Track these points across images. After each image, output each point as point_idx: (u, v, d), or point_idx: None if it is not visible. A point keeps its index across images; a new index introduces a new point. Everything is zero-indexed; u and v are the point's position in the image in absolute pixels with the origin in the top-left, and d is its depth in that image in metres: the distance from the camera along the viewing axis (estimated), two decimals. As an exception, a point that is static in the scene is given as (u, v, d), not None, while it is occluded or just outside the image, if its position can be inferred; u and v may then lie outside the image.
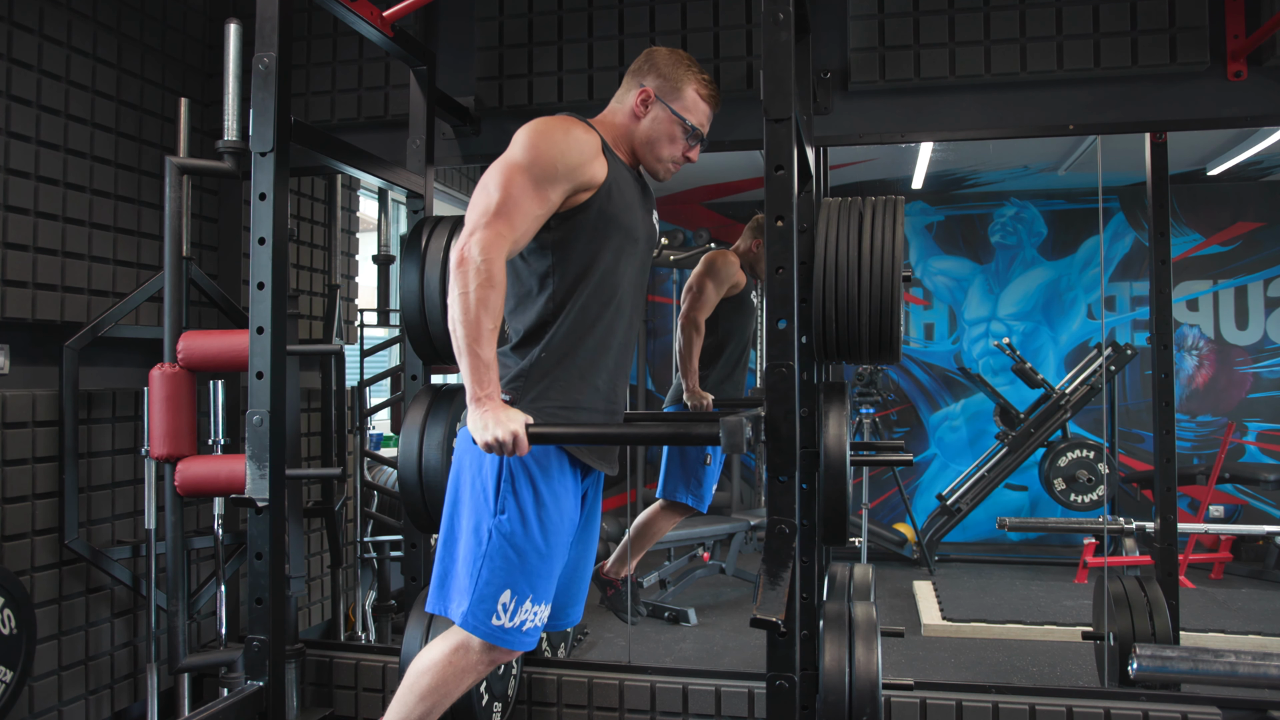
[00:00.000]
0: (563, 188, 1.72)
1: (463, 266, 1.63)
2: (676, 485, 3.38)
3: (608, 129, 1.89)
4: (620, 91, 1.94)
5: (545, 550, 1.75)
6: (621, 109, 1.91)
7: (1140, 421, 5.47)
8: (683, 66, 1.90)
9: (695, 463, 3.36)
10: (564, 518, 1.79)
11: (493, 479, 1.74)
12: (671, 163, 1.93)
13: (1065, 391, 5.26)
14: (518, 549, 1.72)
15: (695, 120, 1.90)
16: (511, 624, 1.73)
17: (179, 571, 2.66)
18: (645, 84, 1.89)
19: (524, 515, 1.73)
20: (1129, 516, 4.02)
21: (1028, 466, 5.36)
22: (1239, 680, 2.44)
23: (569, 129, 1.75)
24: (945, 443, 5.86)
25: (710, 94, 1.92)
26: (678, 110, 1.88)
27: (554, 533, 1.76)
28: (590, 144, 1.77)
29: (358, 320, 3.94)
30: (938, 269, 5.85)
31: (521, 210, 1.67)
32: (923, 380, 5.90)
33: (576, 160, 1.72)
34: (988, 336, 5.75)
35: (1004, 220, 5.76)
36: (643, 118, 1.89)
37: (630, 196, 1.86)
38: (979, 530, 5.47)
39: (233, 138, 2.54)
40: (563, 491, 1.78)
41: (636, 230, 1.87)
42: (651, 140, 1.89)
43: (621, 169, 1.86)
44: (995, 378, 5.60)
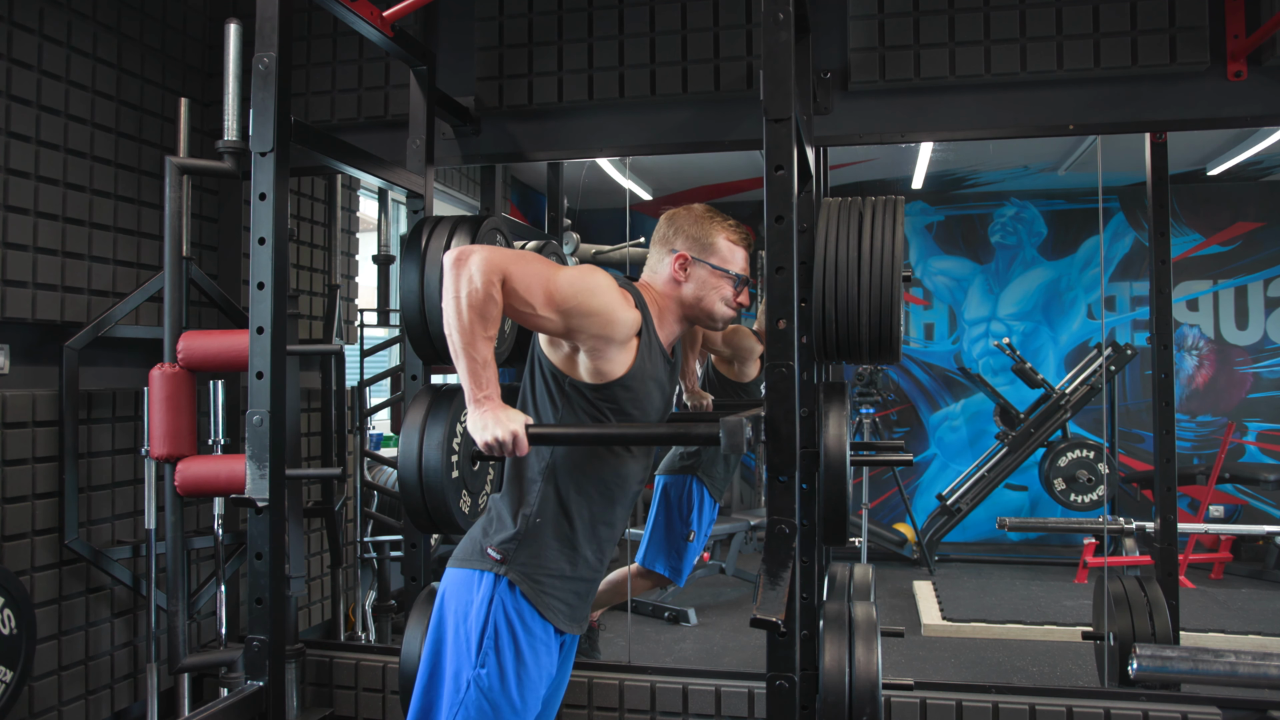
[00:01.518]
0: (564, 322, 1.67)
1: (458, 270, 1.60)
2: (656, 555, 3.40)
3: (653, 299, 1.86)
4: (651, 260, 1.91)
5: (520, 706, 1.75)
6: (660, 277, 1.89)
7: (1140, 421, 5.47)
8: (707, 221, 1.88)
9: (678, 537, 3.39)
10: (541, 673, 1.79)
11: (477, 630, 1.74)
12: (726, 312, 1.91)
13: (1065, 391, 5.26)
14: (493, 703, 1.73)
15: (738, 269, 1.89)
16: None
17: (179, 571, 2.66)
18: (677, 249, 1.87)
19: (503, 672, 1.73)
20: (1129, 516, 4.02)
21: (1028, 466, 5.36)
22: (1239, 680, 2.44)
23: (617, 295, 1.71)
24: (945, 443, 5.86)
25: (741, 238, 1.90)
26: (718, 264, 1.86)
27: (530, 689, 1.77)
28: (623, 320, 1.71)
29: (358, 320, 3.94)
30: (938, 269, 5.85)
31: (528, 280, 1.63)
32: (923, 380, 5.90)
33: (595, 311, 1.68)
34: (988, 336, 5.75)
35: (1004, 220, 5.76)
36: (685, 282, 1.86)
37: (653, 385, 1.83)
38: (979, 530, 5.47)
39: (233, 138, 2.54)
40: (543, 648, 1.79)
41: (650, 416, 1.85)
42: (699, 299, 1.87)
43: (654, 354, 1.82)
44: (995, 378, 5.60)
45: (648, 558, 3.40)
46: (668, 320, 1.88)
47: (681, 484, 3.41)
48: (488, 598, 1.75)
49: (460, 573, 1.80)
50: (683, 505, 3.39)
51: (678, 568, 3.39)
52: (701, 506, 3.41)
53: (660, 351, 1.85)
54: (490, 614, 1.74)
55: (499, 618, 1.74)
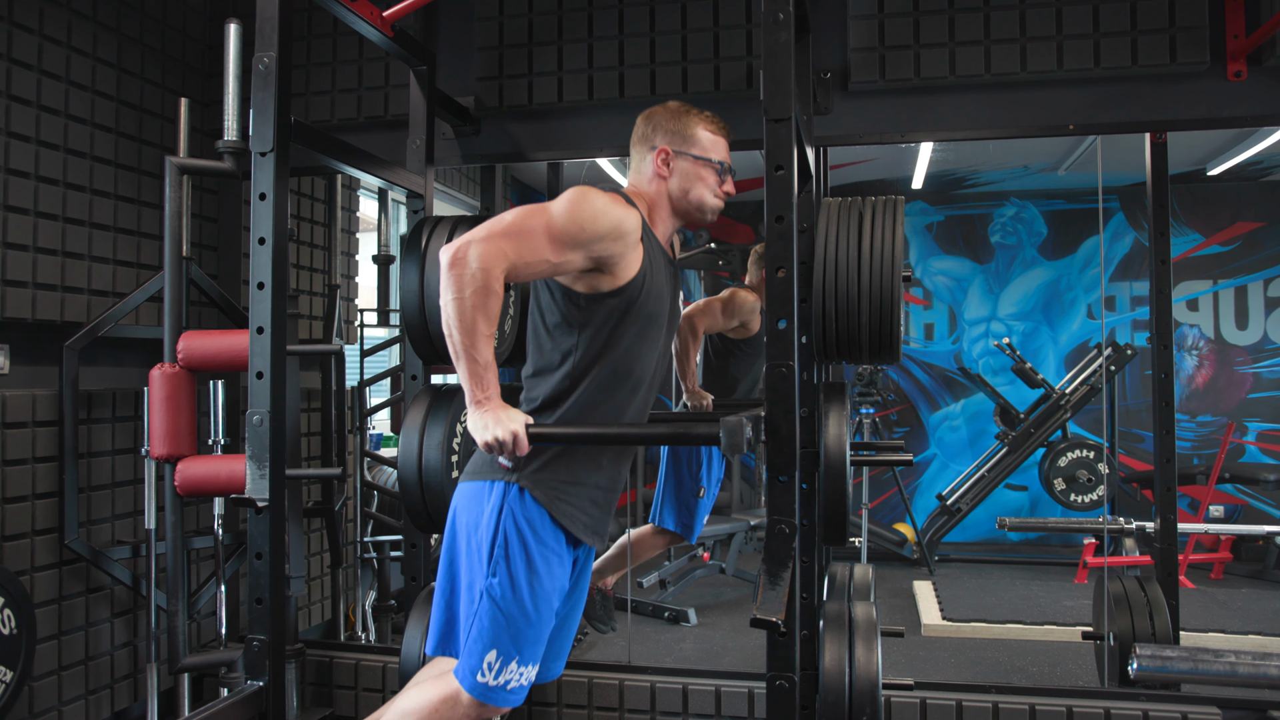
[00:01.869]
0: (584, 254, 1.69)
1: (456, 269, 1.60)
2: (668, 513, 3.41)
3: (641, 200, 1.87)
4: (634, 163, 1.92)
5: (534, 616, 1.75)
6: (643, 178, 1.90)
7: (1140, 421, 5.47)
8: (683, 114, 1.89)
9: (689, 494, 3.40)
10: (554, 584, 1.79)
11: (488, 540, 1.74)
12: (716, 202, 1.92)
13: (1065, 391, 5.26)
14: (506, 613, 1.73)
15: (719, 156, 1.90)
16: (496, 682, 1.74)
17: (179, 571, 2.66)
18: (657, 144, 1.88)
19: (514, 581, 1.73)
20: (1129, 516, 4.02)
21: (1028, 466, 5.36)
22: (1239, 680, 2.44)
23: (611, 201, 1.73)
24: (945, 443, 5.86)
25: (720, 127, 1.91)
26: (699, 154, 1.87)
27: (543, 599, 1.77)
28: (628, 223, 1.73)
29: (358, 320, 3.94)
30: (938, 269, 5.85)
31: (530, 242, 1.64)
32: (923, 380, 5.90)
33: (605, 230, 1.69)
34: (988, 336, 5.75)
35: (1004, 220, 5.77)
36: (670, 176, 1.88)
37: (661, 282, 1.85)
38: (979, 530, 5.47)
39: (233, 138, 2.54)
40: (555, 558, 1.78)
41: (663, 317, 1.87)
42: (687, 191, 1.88)
43: (657, 253, 1.85)
44: (995, 378, 5.60)
45: (660, 515, 3.41)
46: (660, 218, 1.90)
47: None
48: (498, 506, 1.75)
49: (471, 485, 1.80)
50: (691, 462, 3.39)
51: (689, 524, 3.39)
52: (710, 463, 3.42)
53: (660, 249, 1.87)
54: (500, 523, 1.74)
55: (509, 526, 1.74)
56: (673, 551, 4.55)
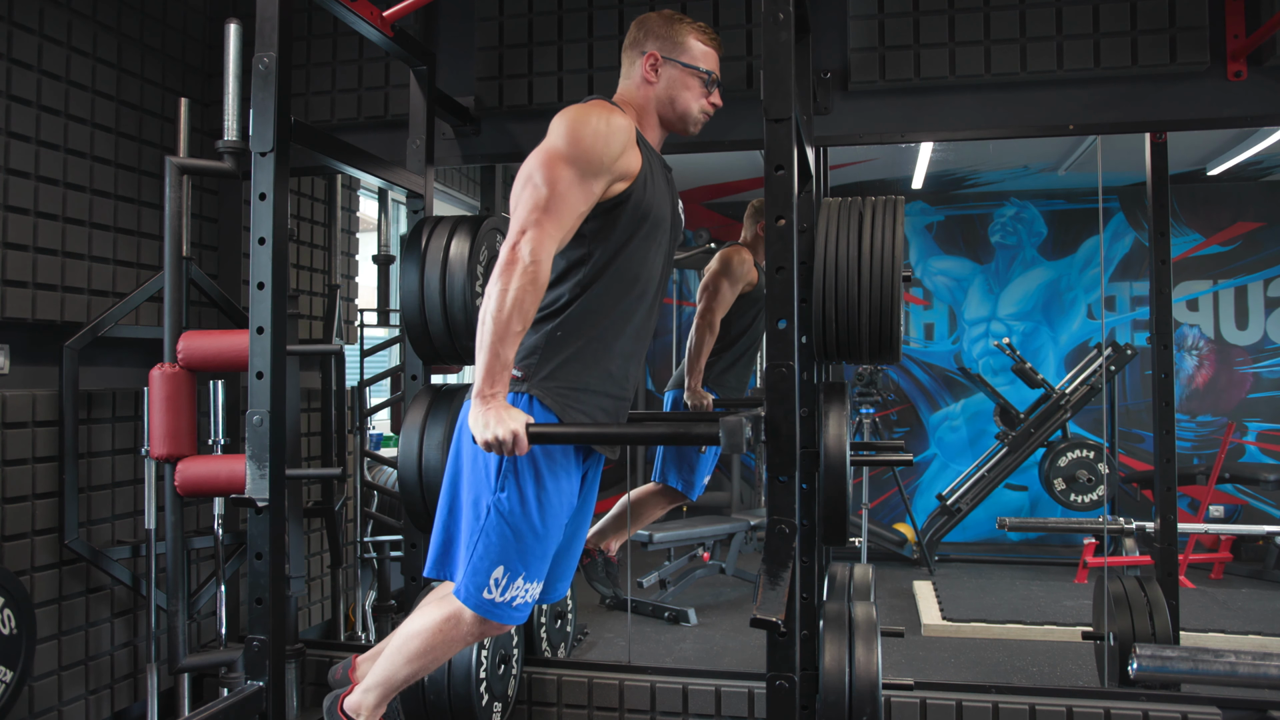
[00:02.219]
0: (605, 179, 1.72)
1: (514, 266, 1.63)
2: (669, 469, 3.39)
3: (629, 106, 1.90)
4: (625, 68, 1.94)
5: (541, 531, 1.75)
6: (631, 83, 1.92)
7: (1140, 421, 5.47)
8: (676, 21, 1.91)
9: (690, 450, 3.37)
10: (563, 499, 1.79)
11: (495, 455, 1.73)
12: (700, 114, 1.94)
13: (1065, 391, 5.26)
14: (514, 528, 1.73)
15: (708, 66, 1.91)
16: (502, 599, 1.74)
17: (179, 571, 2.66)
18: (647, 49, 1.90)
19: (523, 495, 1.73)
20: (1129, 516, 4.02)
21: (1028, 466, 5.36)
22: (1239, 680, 2.44)
23: (609, 116, 1.75)
24: (945, 443, 5.86)
25: (711, 37, 1.93)
26: (688, 62, 1.89)
27: (551, 514, 1.76)
28: (628, 131, 1.76)
29: (358, 320, 3.94)
30: (938, 269, 5.85)
31: (569, 205, 1.67)
32: (923, 380, 5.90)
33: (618, 149, 1.73)
34: (988, 336, 5.75)
35: (1004, 220, 5.77)
36: (656, 82, 1.89)
37: (660, 184, 1.86)
38: (979, 530, 5.47)
39: (233, 138, 2.54)
40: (563, 473, 1.78)
41: (665, 218, 1.88)
42: (672, 99, 1.90)
43: (652, 156, 1.87)
44: (995, 378, 5.60)
45: (661, 473, 3.40)
46: (648, 124, 1.91)
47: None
48: None
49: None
50: None
51: (690, 481, 3.37)
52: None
53: (654, 151, 1.88)
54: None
55: None
56: (672, 551, 4.55)
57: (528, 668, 2.82)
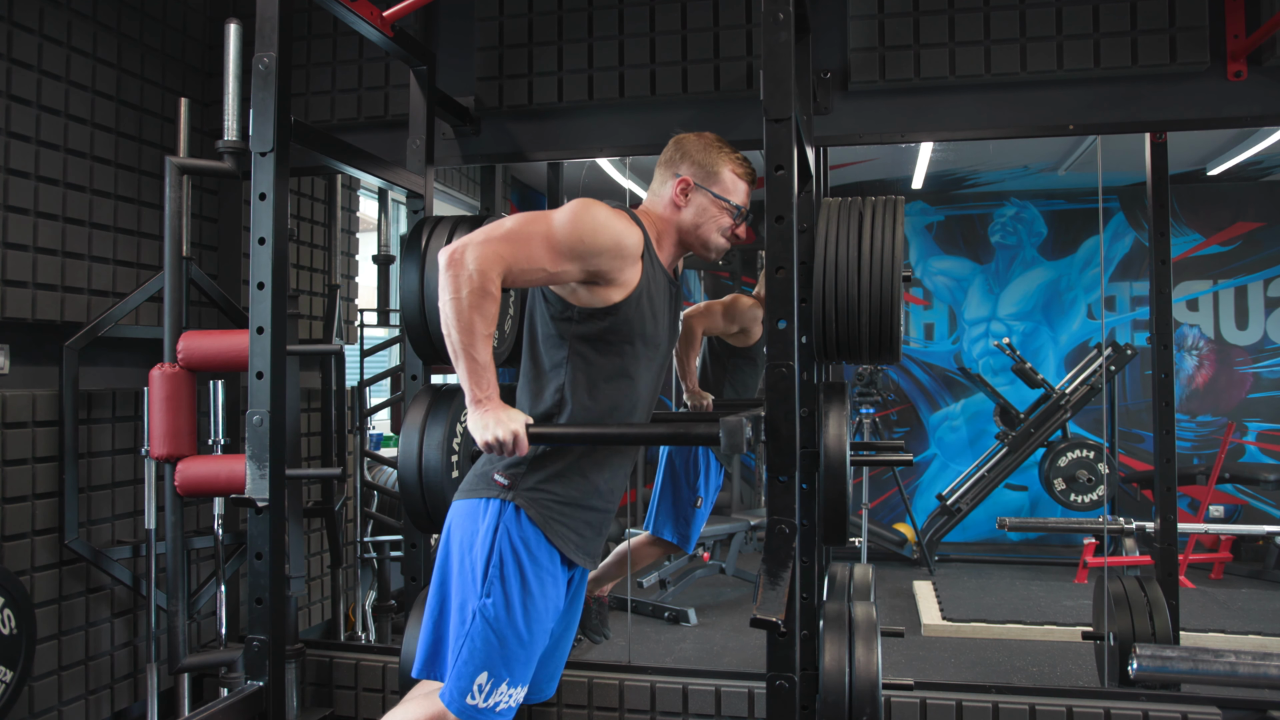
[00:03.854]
0: (581, 266, 1.68)
1: (453, 269, 1.60)
2: (665, 523, 3.39)
3: (651, 222, 1.86)
4: (655, 184, 1.91)
5: (526, 637, 1.74)
6: (660, 200, 1.88)
7: (1140, 421, 5.47)
8: (714, 149, 1.87)
9: (686, 503, 3.38)
10: (548, 605, 1.78)
11: (482, 560, 1.73)
12: (721, 246, 1.91)
13: (1065, 391, 5.26)
14: (499, 634, 1.72)
15: (738, 200, 1.87)
16: (485, 704, 1.72)
17: (179, 571, 2.66)
18: (681, 173, 1.86)
19: (509, 601, 1.72)
20: (1129, 516, 4.02)
21: (1028, 466, 5.36)
22: (1239, 680, 2.44)
23: (614, 216, 1.72)
24: (945, 443, 5.86)
25: (746, 172, 1.89)
26: (719, 194, 1.85)
27: (537, 620, 1.75)
28: (629, 239, 1.72)
29: (358, 320, 3.94)
30: (938, 269, 5.84)
31: (528, 249, 1.64)
32: (923, 380, 5.90)
33: (605, 245, 1.68)
34: (988, 336, 5.75)
35: (1004, 220, 5.76)
36: (685, 207, 1.86)
37: (659, 304, 1.83)
38: (979, 530, 5.47)
39: (233, 138, 2.54)
40: (549, 579, 1.77)
41: (659, 339, 1.85)
42: (698, 225, 1.86)
43: (657, 273, 1.83)
44: (995, 378, 5.60)
45: (656, 525, 3.40)
46: (666, 244, 1.88)
47: (687, 450, 3.40)
48: (493, 525, 1.73)
49: (466, 503, 1.78)
50: (689, 471, 3.38)
51: (685, 534, 3.38)
52: (708, 472, 3.40)
53: (662, 270, 1.85)
54: (496, 541, 1.72)
55: (504, 545, 1.72)
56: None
57: (528, 668, 2.81)
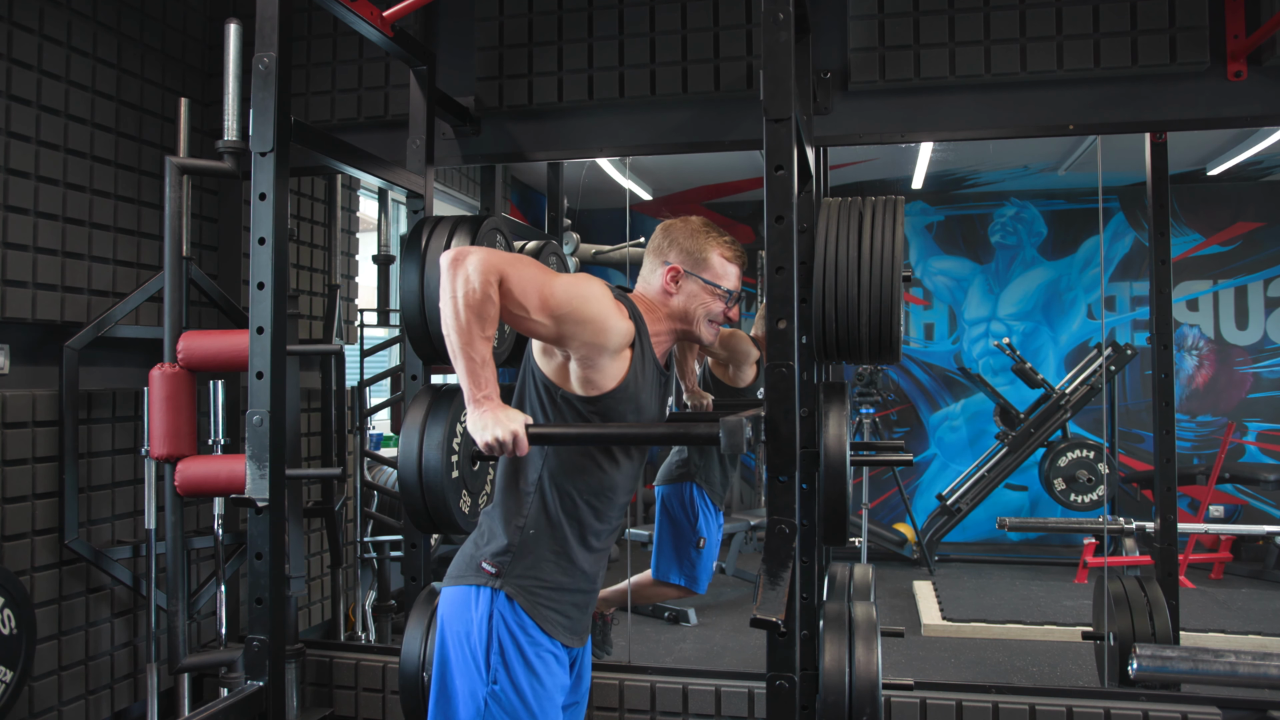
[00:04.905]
0: (555, 330, 1.66)
1: (454, 270, 1.60)
2: (669, 567, 3.35)
3: (645, 308, 1.84)
4: (645, 270, 1.90)
5: (540, 716, 1.75)
6: (652, 289, 1.87)
7: (1140, 421, 5.47)
8: (701, 235, 1.86)
9: (686, 544, 3.33)
10: (555, 683, 1.78)
11: (482, 648, 1.74)
12: (710, 334, 1.89)
13: (1065, 391, 5.26)
14: (513, 715, 1.73)
15: (729, 285, 1.86)
16: None
17: (179, 571, 2.66)
18: (670, 261, 1.85)
19: (516, 685, 1.73)
20: (1129, 516, 4.03)
21: (1028, 466, 5.36)
22: (1239, 680, 2.44)
23: (612, 305, 1.70)
24: (945, 443, 5.86)
25: (735, 254, 1.88)
26: (710, 280, 1.84)
27: (547, 700, 1.76)
28: (617, 331, 1.70)
29: (358, 320, 3.94)
30: (938, 269, 5.85)
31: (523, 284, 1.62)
32: (923, 380, 5.90)
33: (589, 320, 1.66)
34: (988, 336, 5.75)
35: (1004, 220, 5.76)
36: (675, 294, 1.85)
37: (647, 396, 1.81)
38: (979, 530, 5.47)
39: (233, 138, 2.54)
40: (552, 660, 1.78)
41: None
42: (689, 312, 1.85)
43: (647, 366, 1.81)
44: (995, 378, 5.60)
45: (660, 570, 3.36)
46: (661, 332, 1.86)
47: (680, 492, 3.39)
48: (487, 613, 1.74)
49: (456, 590, 1.79)
50: (686, 513, 3.35)
51: (693, 575, 3.34)
52: (706, 512, 3.38)
53: (654, 363, 1.83)
54: (492, 629, 1.73)
55: (501, 632, 1.73)
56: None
57: (528, 668, 2.81)
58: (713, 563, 3.43)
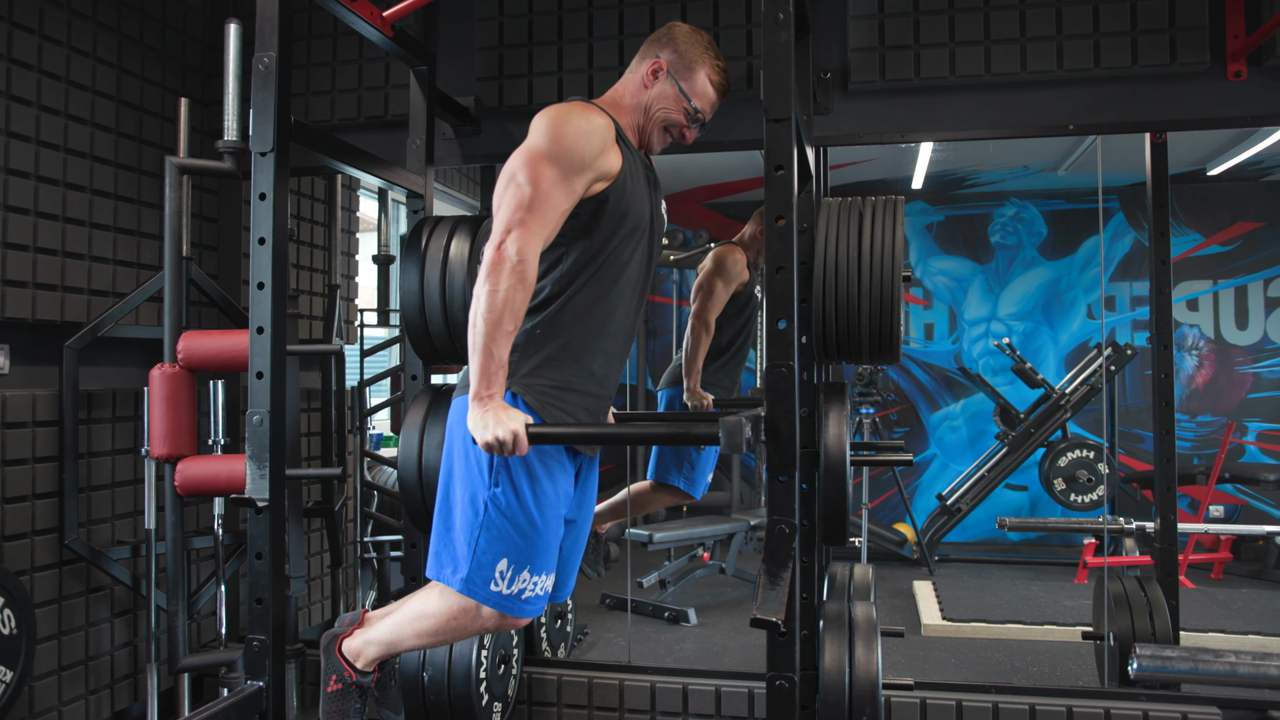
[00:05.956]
0: (587, 177, 1.72)
1: (500, 266, 1.63)
2: (668, 468, 3.30)
3: (617, 109, 1.89)
4: (635, 60, 1.94)
5: (540, 524, 1.76)
6: (632, 79, 1.92)
7: (1140, 421, 5.47)
8: (700, 47, 1.89)
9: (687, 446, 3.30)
10: (557, 490, 1.80)
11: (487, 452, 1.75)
12: (662, 140, 1.94)
13: (1065, 391, 5.26)
14: (513, 521, 1.74)
15: (700, 104, 1.90)
16: (509, 591, 1.75)
17: (179, 571, 2.67)
18: (660, 56, 1.89)
19: (518, 488, 1.74)
20: (1129, 516, 4.02)
21: (1028, 466, 5.36)
22: (1239, 680, 2.44)
23: (589, 115, 1.75)
24: (945, 443, 5.86)
25: (721, 81, 1.92)
26: (685, 90, 1.88)
27: (549, 506, 1.77)
28: (607, 131, 1.76)
29: (358, 320, 3.94)
30: (938, 269, 5.85)
31: (552, 204, 1.68)
32: (923, 380, 5.90)
33: (598, 147, 1.73)
34: (988, 336, 5.75)
35: (1004, 220, 5.76)
36: (649, 88, 1.89)
37: (640, 187, 1.86)
38: (979, 530, 5.47)
39: (233, 138, 2.54)
40: (556, 465, 1.79)
41: (645, 218, 1.87)
42: (650, 111, 1.90)
43: (634, 157, 1.86)
44: (995, 378, 5.60)
45: (659, 472, 3.31)
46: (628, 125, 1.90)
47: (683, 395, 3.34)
48: None
49: (464, 398, 1.78)
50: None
51: (692, 478, 3.30)
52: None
53: (635, 151, 1.87)
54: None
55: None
56: (672, 551, 4.54)
57: (528, 668, 2.81)
58: (711, 468, 3.39)
